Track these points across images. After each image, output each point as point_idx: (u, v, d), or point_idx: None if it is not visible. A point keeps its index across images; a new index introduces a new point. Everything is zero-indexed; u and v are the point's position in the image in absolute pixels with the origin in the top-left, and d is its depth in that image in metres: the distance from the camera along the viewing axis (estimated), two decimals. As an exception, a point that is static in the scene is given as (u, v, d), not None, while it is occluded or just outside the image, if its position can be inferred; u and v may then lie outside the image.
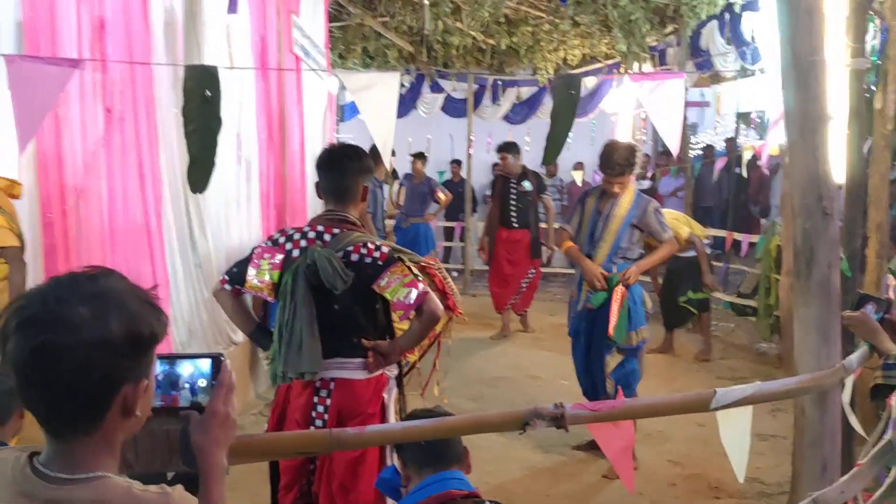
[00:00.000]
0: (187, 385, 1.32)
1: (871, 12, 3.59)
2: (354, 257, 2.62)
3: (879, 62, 3.69)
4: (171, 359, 1.33)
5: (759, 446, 4.69)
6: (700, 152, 12.39)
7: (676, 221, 6.35)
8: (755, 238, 7.15)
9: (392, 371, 2.83)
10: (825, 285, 2.06)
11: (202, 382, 1.32)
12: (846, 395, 2.25)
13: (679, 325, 6.82)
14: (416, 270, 2.67)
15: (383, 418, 2.74)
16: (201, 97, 3.13)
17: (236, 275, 2.76)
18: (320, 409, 2.67)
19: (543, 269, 10.32)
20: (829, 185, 2.02)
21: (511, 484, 4.26)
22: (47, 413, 1.10)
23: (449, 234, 12.00)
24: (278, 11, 5.82)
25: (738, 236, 7.55)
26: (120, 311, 1.09)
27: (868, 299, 2.15)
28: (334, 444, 1.75)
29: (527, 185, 7.25)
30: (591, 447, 4.60)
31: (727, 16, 7.02)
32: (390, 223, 9.47)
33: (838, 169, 3.23)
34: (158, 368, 1.30)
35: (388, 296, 2.59)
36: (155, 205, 4.70)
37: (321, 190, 2.83)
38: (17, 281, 3.72)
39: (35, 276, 4.83)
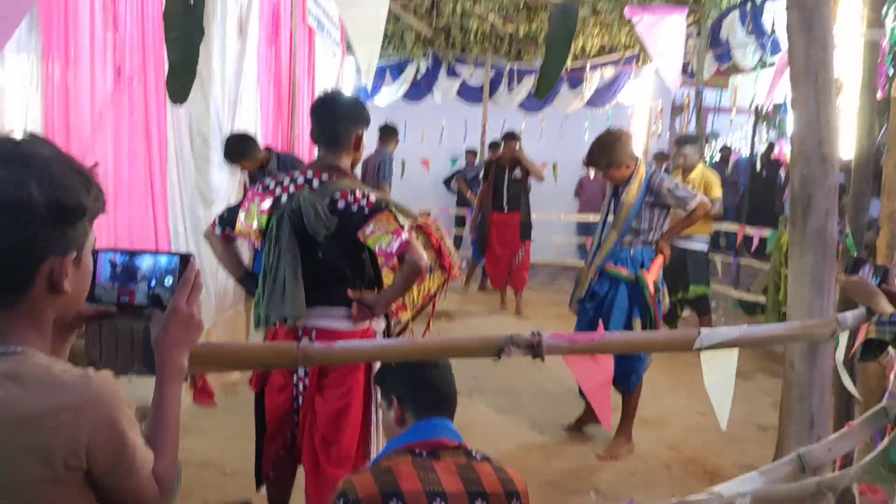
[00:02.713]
0: (147, 279, 1.27)
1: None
2: (341, 204, 2.59)
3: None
4: (133, 253, 1.28)
5: (759, 436, 4.62)
6: (719, 154, 12.32)
7: (712, 180, 6.20)
8: (767, 233, 7.01)
9: (379, 325, 2.79)
10: (821, 234, 1.99)
11: (167, 280, 1.26)
12: (839, 353, 2.18)
13: (672, 322, 6.64)
14: (402, 220, 2.62)
15: (367, 373, 2.70)
16: (183, 3, 3.02)
17: (226, 219, 2.76)
18: None
19: (552, 262, 10.32)
20: (831, 130, 1.95)
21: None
22: None
23: (461, 222, 11.94)
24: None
25: (749, 231, 7.41)
26: (42, 175, 1.04)
27: (864, 263, 2.07)
28: (300, 357, 1.70)
29: (518, 173, 7.80)
30: (580, 426, 4.56)
31: (749, 5, 6.91)
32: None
33: (848, 142, 3.17)
34: (118, 260, 1.26)
35: (370, 244, 2.56)
36: (160, 167, 4.69)
37: (313, 136, 2.80)
38: None
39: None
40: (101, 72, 4.65)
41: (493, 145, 10.20)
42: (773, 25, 6.54)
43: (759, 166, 9.58)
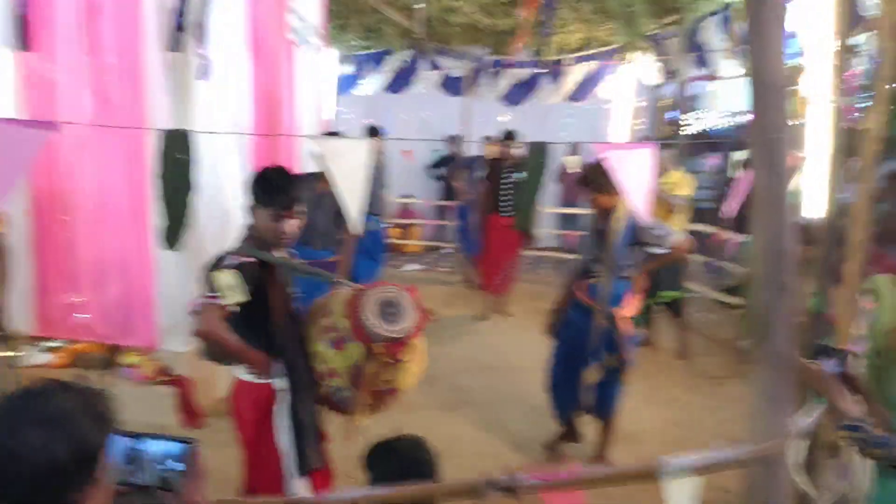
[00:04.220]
0: (153, 461, 1.38)
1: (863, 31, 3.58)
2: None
3: (870, 83, 3.70)
4: (140, 436, 1.39)
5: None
6: (694, 132, 12.35)
7: (683, 181, 6.43)
8: (743, 237, 7.16)
9: (280, 383, 2.95)
10: (780, 357, 2.11)
11: (170, 463, 1.37)
12: (794, 456, 2.30)
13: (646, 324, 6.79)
14: (217, 288, 2.77)
15: (267, 426, 2.98)
16: (174, 160, 3.21)
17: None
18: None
19: (533, 251, 10.45)
20: (789, 260, 2.07)
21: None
22: None
23: (442, 213, 12.03)
24: (274, -3, 5.77)
25: (727, 234, 7.57)
26: (69, 433, 1.16)
27: (826, 350, 2.17)
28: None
29: (519, 175, 7.25)
30: (556, 446, 4.68)
31: (728, 13, 6.97)
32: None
33: (818, 205, 3.27)
34: (127, 444, 1.37)
35: None
36: (142, 187, 4.71)
37: None
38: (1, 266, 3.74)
39: (26, 257, 4.89)
40: (83, 97, 4.67)
41: (489, 139, 10.14)
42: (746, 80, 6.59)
43: (732, 172, 9.72)
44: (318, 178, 5.20)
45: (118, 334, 4.91)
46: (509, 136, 7.70)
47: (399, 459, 2.18)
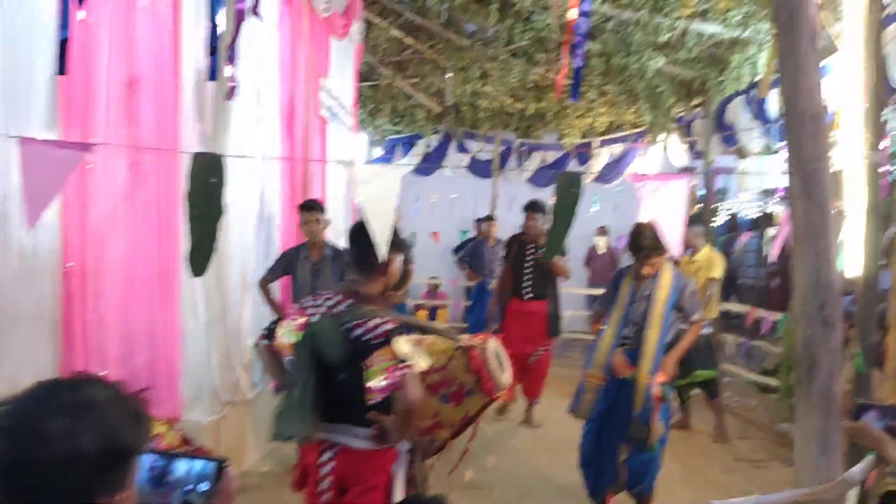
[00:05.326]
0: (182, 484, 1.30)
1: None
2: (356, 332, 2.63)
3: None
4: (170, 456, 1.32)
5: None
6: (727, 218, 12.31)
7: (716, 260, 6.28)
8: (778, 316, 6.98)
9: (404, 445, 2.82)
10: (826, 395, 2.00)
11: (201, 486, 1.30)
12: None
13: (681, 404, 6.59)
14: (406, 355, 2.58)
15: (388, 491, 2.76)
16: (205, 184, 3.22)
17: (270, 331, 2.90)
18: (324, 470, 2.72)
19: (563, 334, 10.25)
20: (833, 293, 1.98)
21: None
22: None
23: (469, 294, 11.97)
24: (307, 76, 5.95)
25: (761, 313, 7.39)
26: (97, 423, 1.09)
27: (869, 407, 2.07)
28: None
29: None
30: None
31: (753, 92, 7.03)
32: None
33: (854, 264, 3.18)
34: (155, 464, 1.30)
35: (366, 377, 2.55)
36: (173, 259, 4.75)
37: (346, 260, 2.98)
38: None
39: (51, 325, 4.90)
40: (118, 167, 4.77)
41: (482, 220, 9.92)
42: (779, 112, 6.65)
43: (764, 251, 9.62)
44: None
45: (142, 404, 4.85)
46: (533, 206, 6.53)
47: None
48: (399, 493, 2.79)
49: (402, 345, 2.61)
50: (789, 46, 1.90)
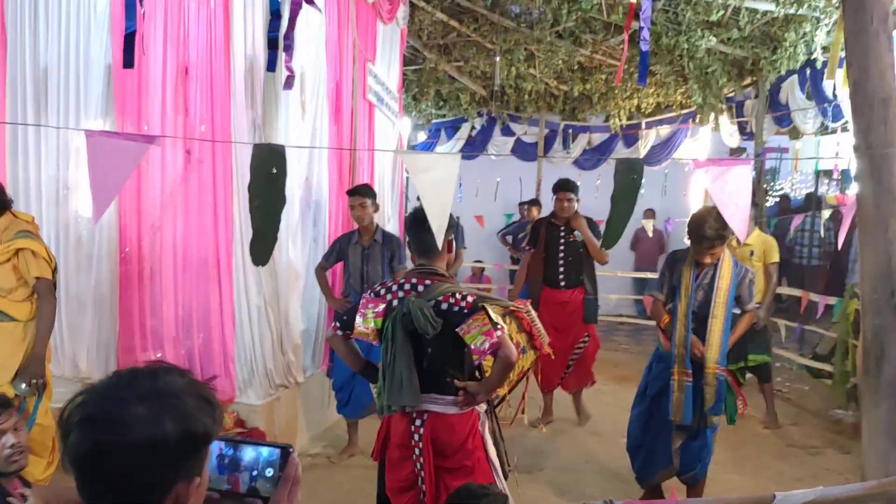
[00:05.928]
0: (249, 469, 1.34)
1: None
2: (444, 306, 2.94)
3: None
4: (237, 443, 1.35)
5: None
6: (777, 199, 12.05)
7: (772, 244, 6.14)
8: (832, 300, 6.81)
9: (482, 406, 3.13)
10: (895, 384, 1.95)
11: (268, 471, 1.33)
12: None
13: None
14: (496, 319, 2.92)
15: (485, 450, 3.08)
16: (267, 174, 3.30)
17: (346, 322, 3.15)
18: (416, 437, 3.04)
19: (609, 318, 10.19)
20: None
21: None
22: None
23: (513, 278, 11.95)
24: (354, 59, 5.96)
25: (814, 297, 7.21)
26: (176, 410, 1.12)
27: None
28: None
29: (578, 234, 5.85)
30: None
31: (808, 71, 6.83)
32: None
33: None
34: (224, 451, 1.33)
35: (467, 340, 2.89)
36: (226, 244, 4.83)
37: (411, 248, 3.21)
38: (47, 313, 3.78)
39: (110, 308, 5.05)
40: (172, 154, 4.87)
41: (525, 204, 9.97)
42: (833, 91, 6.44)
43: (822, 233, 9.36)
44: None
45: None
46: (564, 185, 5.92)
47: None
48: (490, 448, 3.10)
49: (492, 311, 2.95)
50: (858, 26, 1.84)
